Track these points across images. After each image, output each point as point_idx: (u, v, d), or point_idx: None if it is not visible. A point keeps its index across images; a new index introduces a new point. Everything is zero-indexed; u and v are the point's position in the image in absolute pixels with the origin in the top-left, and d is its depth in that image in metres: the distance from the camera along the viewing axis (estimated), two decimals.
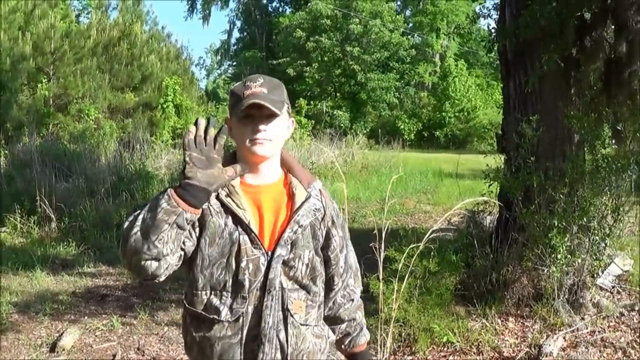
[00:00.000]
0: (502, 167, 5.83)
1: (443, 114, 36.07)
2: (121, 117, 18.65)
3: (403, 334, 4.95)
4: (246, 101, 1.87)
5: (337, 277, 2.08)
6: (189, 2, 43.18)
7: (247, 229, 1.89)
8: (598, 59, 6.22)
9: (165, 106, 18.72)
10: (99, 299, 6.52)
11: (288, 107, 2.02)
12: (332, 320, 2.14)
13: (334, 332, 2.16)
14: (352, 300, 2.14)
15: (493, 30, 6.75)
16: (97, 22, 19.36)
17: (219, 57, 53.07)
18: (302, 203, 1.96)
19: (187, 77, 22.95)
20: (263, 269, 1.89)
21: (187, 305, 1.98)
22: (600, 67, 6.22)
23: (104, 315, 5.96)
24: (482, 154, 6.39)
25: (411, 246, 4.16)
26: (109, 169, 11.87)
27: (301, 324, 1.94)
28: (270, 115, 1.90)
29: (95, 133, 15.65)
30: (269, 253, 1.90)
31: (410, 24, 42.02)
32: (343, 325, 2.14)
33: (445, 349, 4.91)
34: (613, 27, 6.39)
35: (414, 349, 4.86)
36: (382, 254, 4.09)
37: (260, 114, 1.89)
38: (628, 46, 6.23)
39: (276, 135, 1.94)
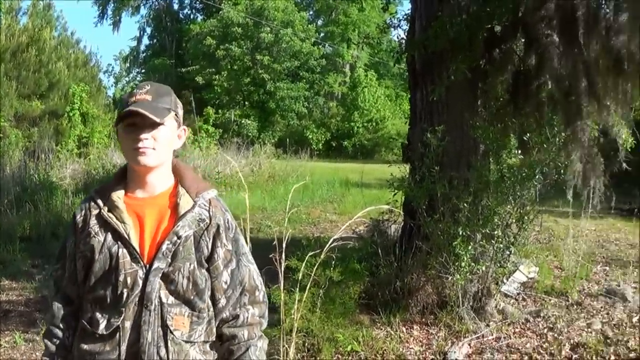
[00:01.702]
0: (407, 176, 6.05)
1: (351, 124, 37.10)
2: (27, 126, 18.22)
3: (307, 344, 5.03)
4: (126, 109, 1.87)
5: (219, 293, 2.02)
6: (100, 8, 42.87)
7: (126, 243, 1.89)
8: (506, 71, 6.57)
9: (71, 114, 18.45)
10: (1, 315, 6.30)
11: (177, 115, 1.99)
12: (218, 337, 2.07)
13: (220, 349, 2.11)
14: (238, 317, 2.03)
15: (402, 41, 7.08)
16: (6, 27, 18.83)
17: (127, 65, 52.36)
18: (185, 213, 1.94)
19: (95, 84, 22.66)
20: (141, 282, 1.88)
21: (79, 318, 1.99)
22: (509, 79, 6.56)
23: (6, 332, 5.75)
24: (389, 164, 6.54)
25: (310, 254, 4.26)
26: (13, 179, 11.64)
27: (184, 341, 1.91)
28: (154, 124, 1.88)
29: (0, 142, 15.33)
30: (147, 266, 1.89)
31: (322, 34, 43.22)
32: (226, 344, 2.05)
33: (350, 358, 5.03)
34: (523, 40, 6.71)
35: (318, 358, 4.95)
36: (283, 264, 4.15)
37: (143, 123, 1.87)
38: (537, 59, 6.57)
39: (161, 145, 1.92)
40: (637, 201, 17.33)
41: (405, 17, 7.97)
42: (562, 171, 5.94)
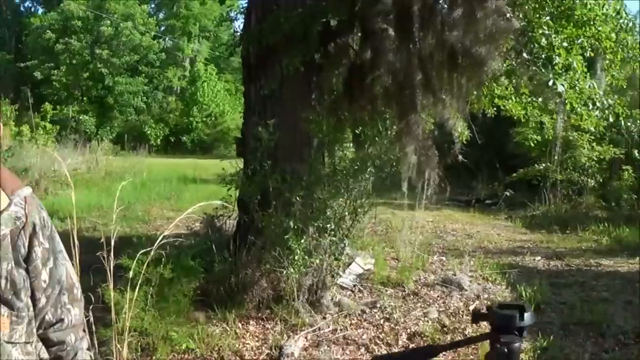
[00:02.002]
0: (240, 171, 6.57)
1: (190, 118, 39.28)
2: None
3: (141, 344, 5.32)
4: None
5: (40, 292, 2.11)
6: None
7: None
8: (342, 65, 7.19)
9: None
10: None
11: None
12: (44, 342, 2.15)
13: (48, 354, 2.20)
14: (62, 320, 2.12)
15: (237, 35, 7.69)
16: None
17: None
18: (1, 212, 2.02)
19: None
20: None
21: None
22: (344, 72, 7.20)
23: None
24: (228, 159, 7.02)
25: (142, 252, 4.55)
26: None
27: (6, 341, 2.01)
28: None
29: None
30: None
31: (163, 27, 44.72)
32: (54, 349, 2.16)
33: (186, 356, 5.41)
34: (359, 34, 7.39)
35: (153, 358, 5.25)
36: (112, 262, 4.38)
37: None
38: (373, 53, 7.23)
39: None
40: (474, 193, 19.55)
41: (242, 9, 8.60)
42: (395, 164, 6.79)
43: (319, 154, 6.69)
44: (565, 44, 8.64)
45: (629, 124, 10.51)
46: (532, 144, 16.61)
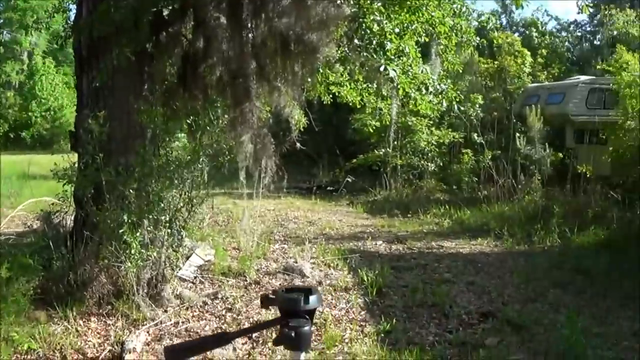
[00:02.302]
0: (75, 165, 6.92)
1: (29, 113, 40.04)
2: None
3: None
4: None
5: None
6: None
7: None
8: (174, 54, 7.77)
9: None
10: None
11: None
12: None
13: None
14: None
15: (68, 26, 8.11)
16: None
17: None
18: None
19: None
20: None
21: None
22: (177, 62, 7.76)
23: None
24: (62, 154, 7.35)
25: None
26: None
27: None
28: None
29: None
30: None
31: (0, 20, 44.64)
32: None
33: (29, 356, 5.74)
34: (192, 23, 7.98)
35: None
36: None
37: None
38: (205, 42, 7.79)
39: None
40: (316, 180, 20.92)
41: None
42: (230, 153, 7.40)
43: (152, 145, 7.15)
44: (397, 30, 9.64)
45: (464, 108, 11.91)
46: (371, 130, 18.14)
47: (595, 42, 34.09)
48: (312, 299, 1.74)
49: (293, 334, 1.68)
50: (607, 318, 7.30)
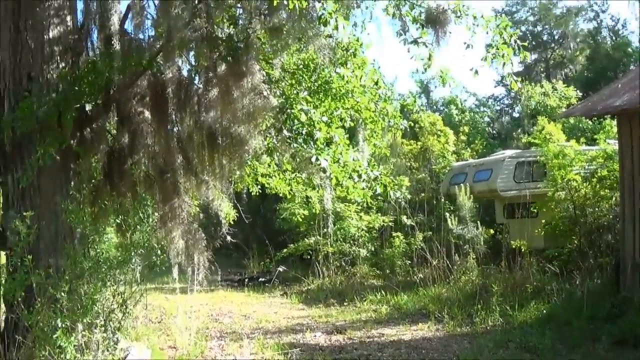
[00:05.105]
0: (3, 267, 6.88)
1: None
2: None
3: None
4: None
5: None
6: None
7: None
8: (99, 151, 7.94)
9: None
10: None
11: None
12: None
13: None
14: None
15: None
16: None
17: None
18: None
19: None
20: None
21: None
22: (103, 158, 7.94)
23: None
24: None
25: None
26: None
27: None
28: None
29: None
30: None
31: None
32: None
33: None
34: (116, 118, 8.27)
35: None
36: None
37: None
38: (130, 136, 8.16)
39: None
40: (247, 271, 21.06)
41: None
42: (162, 250, 7.76)
43: (81, 245, 7.17)
44: (324, 118, 10.08)
45: (395, 193, 12.25)
46: (300, 219, 18.50)
47: (514, 115, 35.56)
48: None
49: None
50: None
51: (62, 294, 6.54)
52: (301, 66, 10.05)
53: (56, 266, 6.84)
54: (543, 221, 15.11)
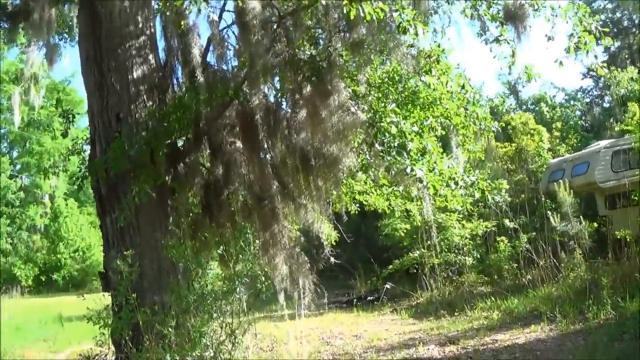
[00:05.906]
0: (109, 307, 6.86)
1: (58, 255, 40.91)
2: None
3: None
4: None
5: None
6: None
7: None
8: (194, 184, 7.87)
9: None
10: None
11: None
12: None
13: None
14: None
15: (83, 166, 8.29)
16: None
17: None
18: None
19: None
20: None
21: None
22: (199, 192, 7.87)
23: None
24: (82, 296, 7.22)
25: None
26: None
27: None
28: None
29: None
30: None
31: (18, 165, 46.61)
32: None
33: None
34: (209, 150, 8.21)
35: None
36: None
37: None
38: (224, 167, 8.04)
39: None
40: (354, 291, 20.74)
41: (86, 140, 9.21)
42: (266, 277, 7.60)
43: (185, 280, 7.09)
44: (415, 128, 9.74)
45: (494, 197, 11.85)
46: (402, 234, 18.11)
47: (604, 105, 34.25)
48: None
49: None
50: None
51: (170, 329, 6.46)
52: (386, 79, 9.70)
53: (161, 302, 6.80)
54: None
